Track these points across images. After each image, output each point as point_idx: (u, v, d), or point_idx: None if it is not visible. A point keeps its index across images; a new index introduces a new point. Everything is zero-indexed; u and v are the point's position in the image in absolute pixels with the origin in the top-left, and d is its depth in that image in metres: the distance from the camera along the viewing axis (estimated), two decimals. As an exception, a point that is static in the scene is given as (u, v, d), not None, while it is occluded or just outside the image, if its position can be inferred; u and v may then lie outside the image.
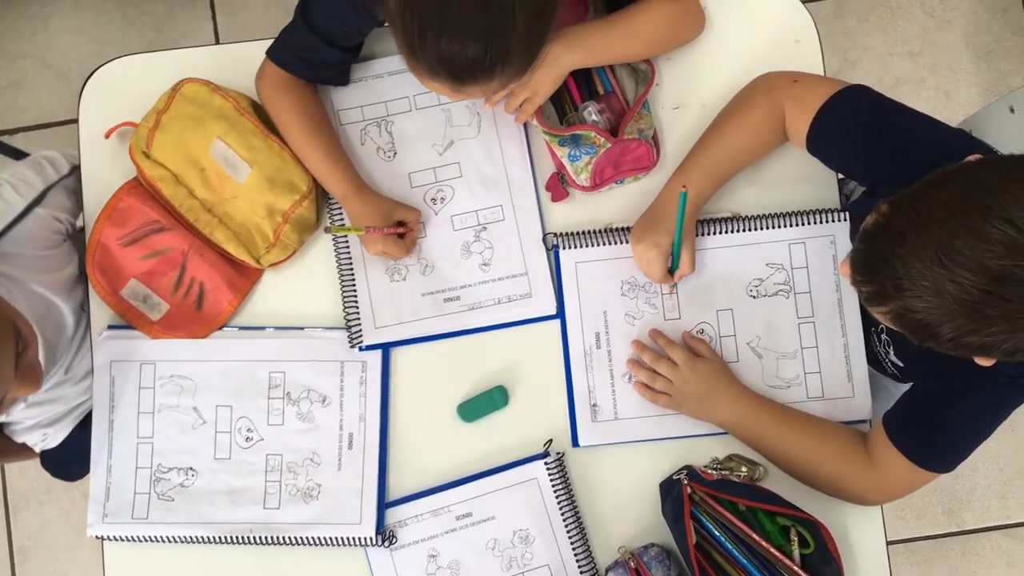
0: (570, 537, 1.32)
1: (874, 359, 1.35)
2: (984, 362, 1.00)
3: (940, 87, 2.33)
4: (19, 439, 1.51)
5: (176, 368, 1.37)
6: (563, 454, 1.34)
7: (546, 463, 1.33)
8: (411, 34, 1.07)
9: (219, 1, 2.36)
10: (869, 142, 1.19)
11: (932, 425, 1.20)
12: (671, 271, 1.31)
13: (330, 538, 1.33)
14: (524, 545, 1.33)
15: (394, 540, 1.33)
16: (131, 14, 2.37)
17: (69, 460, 1.55)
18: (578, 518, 1.33)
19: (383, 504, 1.34)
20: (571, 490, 1.33)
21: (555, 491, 1.32)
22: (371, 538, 1.32)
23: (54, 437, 1.56)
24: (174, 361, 1.37)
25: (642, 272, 1.33)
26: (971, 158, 0.98)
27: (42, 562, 2.28)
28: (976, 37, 2.34)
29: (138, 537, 1.34)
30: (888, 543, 1.33)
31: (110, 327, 1.39)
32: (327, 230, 1.35)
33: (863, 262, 0.99)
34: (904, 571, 2.22)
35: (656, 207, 1.32)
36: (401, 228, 1.34)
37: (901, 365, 1.30)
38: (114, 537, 1.35)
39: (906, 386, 1.31)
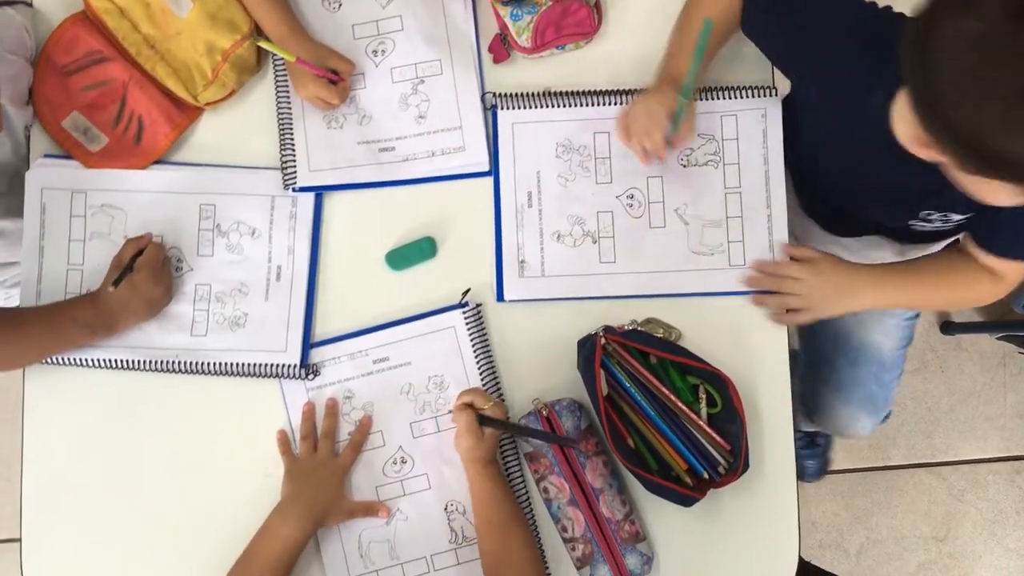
0: (484, 385, 1.34)
1: (915, 236, 1.38)
2: None
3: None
4: None
5: (108, 197, 1.38)
6: (481, 305, 1.37)
7: (464, 312, 1.35)
8: None
9: None
10: (797, 24, 1.22)
11: None
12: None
13: (254, 365, 1.34)
14: (439, 391, 1.34)
15: (317, 374, 1.34)
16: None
17: None
18: (493, 368, 1.35)
19: (308, 336, 1.35)
20: (487, 340, 1.35)
21: (471, 340, 1.34)
22: (295, 366, 1.33)
23: (17, 300, 1.56)
24: (106, 191, 1.38)
25: (637, 129, 1.29)
26: None
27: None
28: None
29: (64, 360, 1.35)
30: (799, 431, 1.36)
31: (45, 156, 1.39)
32: (256, 39, 1.35)
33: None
34: (827, 502, 2.27)
35: (662, 77, 1.32)
36: (333, 75, 1.36)
37: (962, 218, 1.28)
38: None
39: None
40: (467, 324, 1.35)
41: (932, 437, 2.29)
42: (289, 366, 1.34)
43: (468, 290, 1.36)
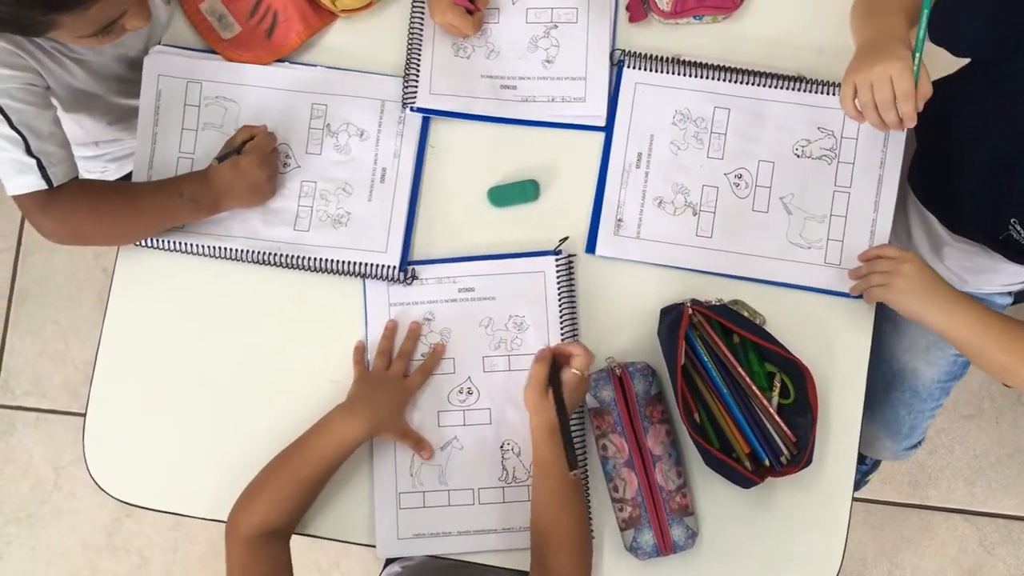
0: (563, 335, 1.35)
1: (1013, 250, 1.34)
2: None
3: None
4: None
5: (223, 90, 1.40)
6: (574, 256, 1.37)
7: (556, 260, 1.36)
8: None
9: None
10: None
11: None
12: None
13: (354, 263, 1.36)
14: (517, 330, 1.35)
15: (416, 278, 1.36)
16: None
17: None
18: (574, 319, 1.36)
19: (409, 239, 1.37)
20: (573, 291, 1.36)
21: (559, 288, 1.35)
22: (394, 268, 1.35)
23: (114, 173, 1.59)
24: (221, 83, 1.40)
25: (881, 96, 1.15)
26: None
27: (38, 306, 2.33)
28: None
29: (164, 243, 1.37)
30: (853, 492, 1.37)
31: (163, 44, 1.42)
32: None
33: None
34: (856, 529, 2.25)
35: (872, 41, 1.21)
36: (470, 4, 1.36)
37: None
38: (142, 243, 1.38)
39: None
40: (558, 272, 1.35)
41: (974, 485, 2.26)
42: (388, 267, 1.35)
43: (566, 238, 1.36)
